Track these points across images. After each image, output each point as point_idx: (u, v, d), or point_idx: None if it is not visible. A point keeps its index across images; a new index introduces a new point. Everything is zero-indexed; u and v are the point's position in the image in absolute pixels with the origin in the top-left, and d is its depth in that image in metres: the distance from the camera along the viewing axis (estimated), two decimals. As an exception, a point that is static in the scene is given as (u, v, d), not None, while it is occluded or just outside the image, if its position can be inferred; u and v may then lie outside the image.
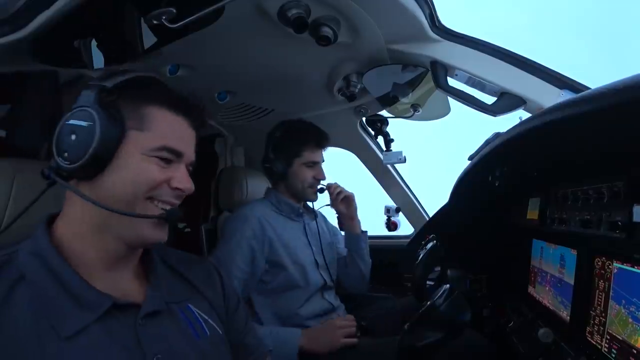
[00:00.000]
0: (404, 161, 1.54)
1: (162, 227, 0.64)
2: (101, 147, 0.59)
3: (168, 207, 0.64)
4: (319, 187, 1.44)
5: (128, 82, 0.64)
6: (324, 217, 1.67)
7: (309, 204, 1.52)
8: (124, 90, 0.63)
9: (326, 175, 1.46)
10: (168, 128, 0.64)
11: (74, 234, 0.61)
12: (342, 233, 1.58)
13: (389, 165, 1.74)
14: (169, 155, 0.64)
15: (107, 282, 0.62)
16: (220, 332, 0.72)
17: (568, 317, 0.81)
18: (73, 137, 0.59)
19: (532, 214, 1.03)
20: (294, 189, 1.42)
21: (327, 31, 0.92)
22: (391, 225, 1.86)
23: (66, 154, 0.59)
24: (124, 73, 0.65)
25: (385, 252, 1.87)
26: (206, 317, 0.70)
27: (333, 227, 1.66)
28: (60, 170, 0.60)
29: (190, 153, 0.67)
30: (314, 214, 1.51)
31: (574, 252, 0.82)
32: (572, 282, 0.81)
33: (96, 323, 0.57)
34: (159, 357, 0.59)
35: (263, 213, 1.35)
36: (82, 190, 0.60)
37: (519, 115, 0.98)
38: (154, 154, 0.63)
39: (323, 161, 1.46)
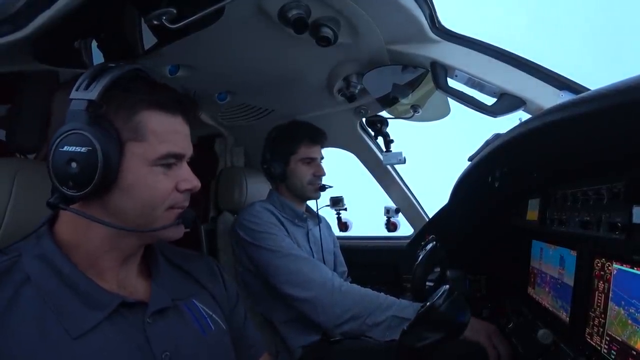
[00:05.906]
0: (404, 162, 1.54)
1: (180, 225, 0.66)
2: (106, 171, 0.56)
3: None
4: (319, 184, 1.43)
5: (112, 86, 0.58)
6: (328, 224, 1.67)
7: (313, 207, 1.51)
8: (111, 98, 0.58)
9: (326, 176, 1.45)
10: (166, 132, 0.62)
11: (83, 238, 0.60)
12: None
13: (388, 166, 1.74)
14: (173, 160, 0.63)
15: (115, 281, 0.62)
16: (224, 326, 0.73)
17: (567, 318, 0.81)
18: (74, 165, 0.55)
19: (532, 214, 1.03)
20: (294, 188, 1.41)
21: (327, 32, 0.92)
22: (391, 226, 1.86)
23: (71, 183, 0.56)
24: (103, 72, 0.58)
25: (384, 252, 1.87)
26: (210, 313, 0.71)
27: (335, 238, 1.66)
28: (66, 198, 0.57)
29: (190, 149, 0.66)
30: (317, 219, 1.51)
31: (574, 253, 0.82)
32: (571, 283, 0.81)
33: (105, 322, 0.57)
34: (166, 354, 0.60)
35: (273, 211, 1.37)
36: (93, 207, 0.59)
37: (519, 116, 0.98)
38: (159, 163, 0.61)
39: (322, 158, 1.45)
